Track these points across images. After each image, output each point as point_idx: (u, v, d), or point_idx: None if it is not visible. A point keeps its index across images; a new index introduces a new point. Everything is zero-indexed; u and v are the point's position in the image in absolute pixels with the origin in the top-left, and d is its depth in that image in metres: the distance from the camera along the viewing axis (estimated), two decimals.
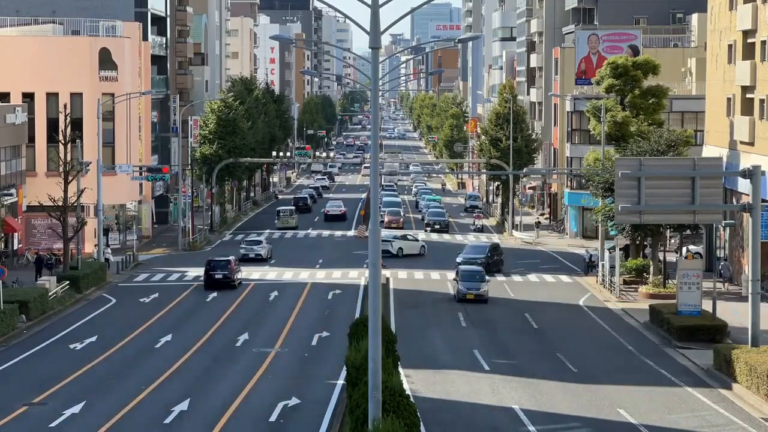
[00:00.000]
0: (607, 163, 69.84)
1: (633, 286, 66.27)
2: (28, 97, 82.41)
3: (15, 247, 77.93)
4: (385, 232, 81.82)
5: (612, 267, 65.57)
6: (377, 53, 28.71)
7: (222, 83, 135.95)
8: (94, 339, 51.37)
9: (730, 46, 68.40)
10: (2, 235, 75.46)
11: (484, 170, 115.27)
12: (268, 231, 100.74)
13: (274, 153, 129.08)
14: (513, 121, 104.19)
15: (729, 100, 68.67)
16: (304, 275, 71.07)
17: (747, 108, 65.65)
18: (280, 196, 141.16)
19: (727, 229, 67.64)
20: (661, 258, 66.00)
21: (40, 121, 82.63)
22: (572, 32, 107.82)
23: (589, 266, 73.75)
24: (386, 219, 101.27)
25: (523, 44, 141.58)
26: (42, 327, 55.22)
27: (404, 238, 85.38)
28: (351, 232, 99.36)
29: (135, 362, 46.34)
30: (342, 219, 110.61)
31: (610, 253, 67.66)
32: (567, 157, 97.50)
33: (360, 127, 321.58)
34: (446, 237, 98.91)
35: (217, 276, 66.19)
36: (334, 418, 36.51)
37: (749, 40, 65.26)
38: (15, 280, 63.65)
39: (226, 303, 61.41)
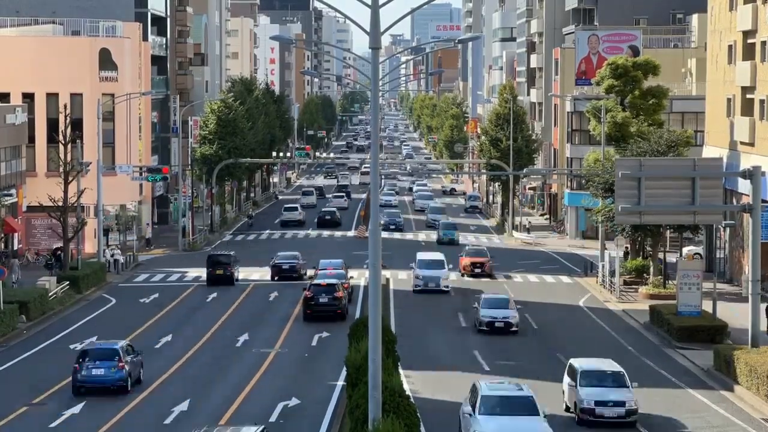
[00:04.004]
0: (607, 163, 69.79)
1: (633, 286, 66.24)
2: (28, 97, 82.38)
3: (15, 247, 77.93)
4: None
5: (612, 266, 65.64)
6: (377, 53, 28.70)
7: (222, 83, 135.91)
8: (94, 339, 51.34)
9: (730, 46, 68.39)
10: (2, 235, 75.47)
11: (484, 170, 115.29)
12: (268, 231, 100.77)
13: (274, 153, 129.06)
14: (513, 122, 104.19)
15: (729, 100, 68.65)
16: None
17: (747, 108, 65.64)
18: (280, 197, 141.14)
19: (727, 230, 67.63)
20: (662, 258, 66.00)
21: (40, 122, 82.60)
22: (572, 33, 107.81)
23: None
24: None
25: (523, 45, 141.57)
26: (42, 327, 55.23)
27: None
28: (351, 233, 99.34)
29: None
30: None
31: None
32: (567, 157, 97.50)
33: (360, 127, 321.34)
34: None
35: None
36: (334, 418, 36.53)
37: (749, 41, 65.24)
38: (15, 280, 63.61)
39: (226, 303, 61.41)
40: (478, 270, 71.65)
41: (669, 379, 43.68)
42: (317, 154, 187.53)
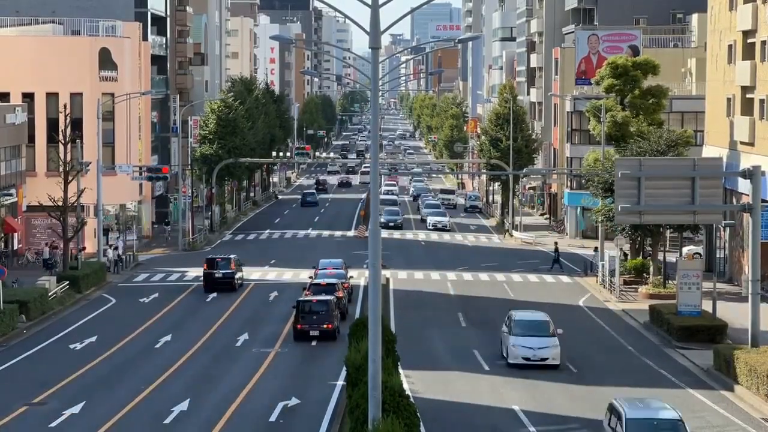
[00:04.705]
0: (607, 163, 69.81)
1: (633, 286, 66.23)
2: (28, 97, 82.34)
3: (15, 247, 77.93)
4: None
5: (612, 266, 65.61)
6: (377, 53, 28.70)
7: (222, 83, 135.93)
8: (94, 339, 51.37)
9: (730, 46, 68.40)
10: (2, 235, 75.45)
11: (484, 170, 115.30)
12: (267, 231, 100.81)
13: (274, 153, 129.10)
14: (513, 122, 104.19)
15: (729, 100, 68.67)
16: (304, 275, 70.98)
17: (747, 108, 65.65)
18: (280, 197, 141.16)
19: (727, 230, 67.63)
20: (661, 258, 65.99)
21: (40, 121, 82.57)
22: (572, 32, 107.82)
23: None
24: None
25: (523, 44, 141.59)
26: (42, 327, 55.21)
27: None
28: (351, 233, 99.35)
29: (135, 362, 46.34)
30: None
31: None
32: (567, 157, 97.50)
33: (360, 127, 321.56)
34: (446, 237, 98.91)
35: None
36: (334, 418, 36.52)
37: (749, 41, 65.25)
38: (15, 280, 63.61)
39: (226, 303, 61.41)
40: None
41: (669, 378, 43.66)
42: (317, 153, 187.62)
